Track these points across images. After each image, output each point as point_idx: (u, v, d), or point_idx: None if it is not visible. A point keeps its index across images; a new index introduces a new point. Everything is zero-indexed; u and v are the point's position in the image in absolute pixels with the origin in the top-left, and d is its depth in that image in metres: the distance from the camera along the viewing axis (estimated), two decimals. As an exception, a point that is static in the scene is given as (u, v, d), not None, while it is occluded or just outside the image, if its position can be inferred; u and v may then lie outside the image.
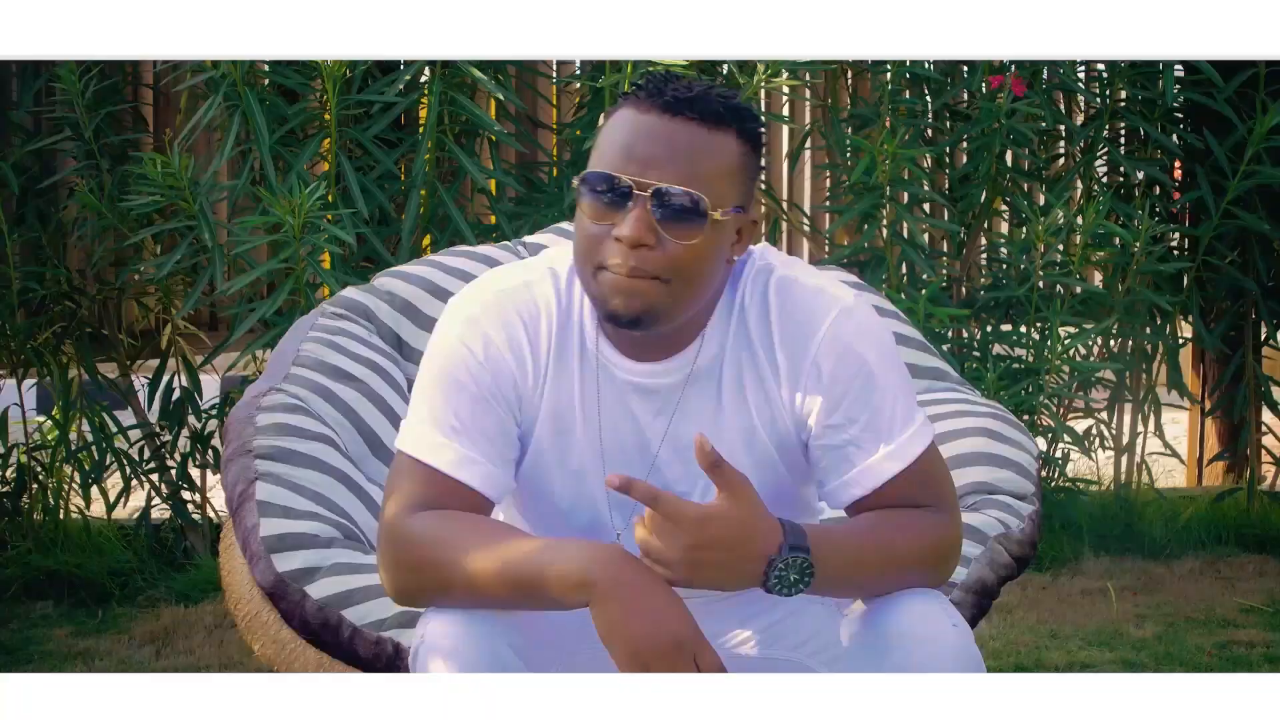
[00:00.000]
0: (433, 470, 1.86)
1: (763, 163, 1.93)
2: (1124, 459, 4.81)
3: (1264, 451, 4.94)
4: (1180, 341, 4.77)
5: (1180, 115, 4.74)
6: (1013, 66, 4.39)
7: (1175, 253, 4.76)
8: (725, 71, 4.24)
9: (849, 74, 4.72)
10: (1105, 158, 4.73)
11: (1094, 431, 4.71)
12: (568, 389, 1.91)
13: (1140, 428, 4.78)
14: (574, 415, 1.92)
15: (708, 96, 1.81)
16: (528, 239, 2.87)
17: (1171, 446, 4.77)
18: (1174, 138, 4.69)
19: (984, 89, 4.38)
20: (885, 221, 4.28)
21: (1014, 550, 2.29)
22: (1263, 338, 4.85)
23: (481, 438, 1.88)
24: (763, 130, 1.87)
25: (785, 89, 4.70)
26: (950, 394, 2.62)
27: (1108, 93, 4.61)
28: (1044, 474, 4.47)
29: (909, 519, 1.89)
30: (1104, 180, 4.77)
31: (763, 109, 4.72)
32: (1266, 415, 4.93)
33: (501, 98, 4.06)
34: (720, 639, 2.02)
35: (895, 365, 1.91)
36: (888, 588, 1.87)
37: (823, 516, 2.10)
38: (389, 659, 2.03)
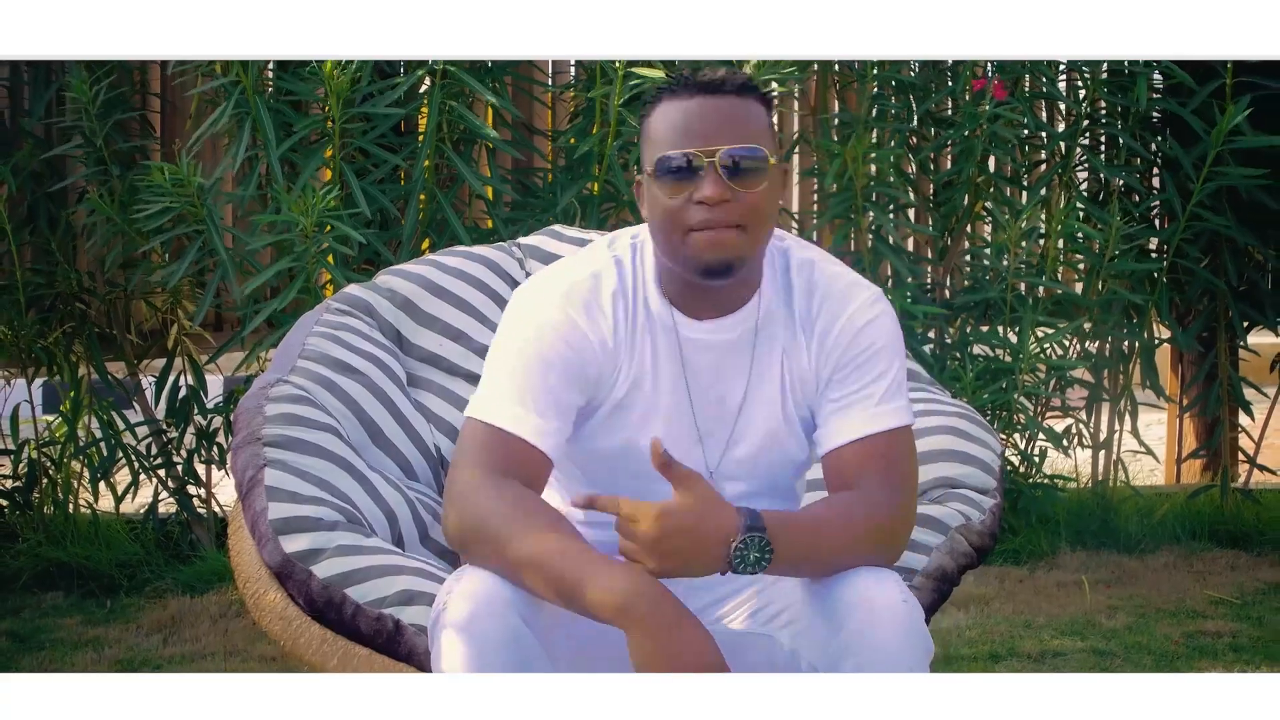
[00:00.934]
0: (510, 436, 2.07)
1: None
2: (1101, 457, 4.94)
3: (1239, 450, 5.09)
4: (1157, 342, 4.90)
5: (1159, 121, 4.89)
6: (994, 72, 4.54)
7: (1153, 255, 4.89)
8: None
9: (837, 83, 4.86)
10: (1085, 164, 4.86)
11: (1073, 430, 4.85)
12: (642, 356, 2.15)
13: (1117, 426, 4.91)
14: (647, 376, 2.15)
15: (732, 75, 2.12)
16: (522, 240, 3.00)
17: (1146, 444, 4.90)
18: (1152, 146, 4.82)
19: (967, 95, 4.52)
20: (868, 225, 4.42)
21: (974, 540, 2.42)
22: (1234, 336, 4.97)
23: (555, 408, 2.11)
24: (769, 96, 2.16)
25: (775, 93, 4.84)
26: (920, 394, 2.75)
27: (1085, 100, 4.75)
28: (1022, 470, 4.62)
29: (857, 501, 2.09)
30: (1080, 186, 4.91)
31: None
32: (1242, 414, 5.07)
33: (497, 103, 4.19)
34: (705, 613, 2.18)
35: (898, 354, 2.16)
36: (842, 564, 2.04)
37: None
38: (389, 635, 2.17)
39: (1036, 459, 4.61)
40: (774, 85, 4.17)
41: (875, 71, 4.54)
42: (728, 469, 2.20)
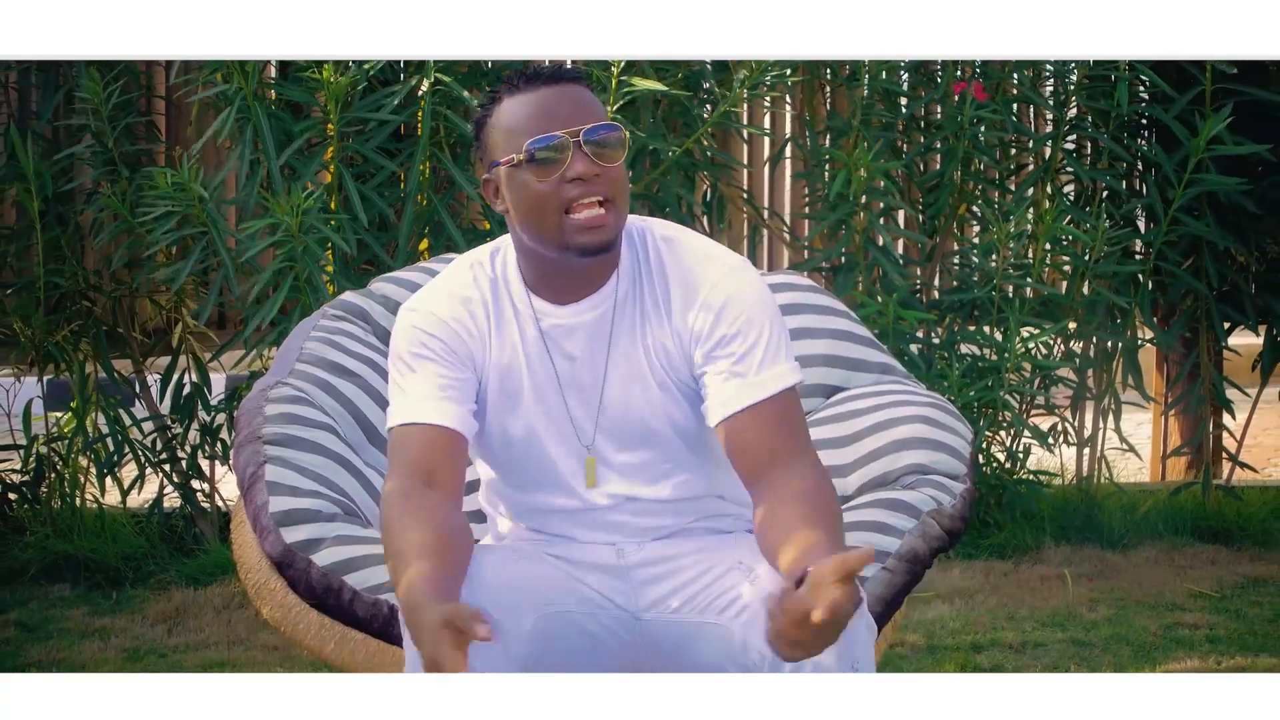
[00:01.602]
0: (414, 426, 2.19)
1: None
2: (1086, 454, 5.05)
3: (1223, 448, 5.19)
4: (1140, 342, 5.01)
5: (1144, 125, 5.00)
6: (977, 72, 4.66)
7: (1137, 257, 5.00)
8: (707, 87, 4.49)
9: (827, 88, 4.97)
10: (1068, 168, 4.97)
11: (1059, 428, 4.95)
12: (507, 345, 2.26)
13: (1101, 424, 5.02)
14: (520, 365, 2.26)
15: (563, 67, 2.24)
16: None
17: (1129, 442, 5.01)
18: (1134, 150, 4.93)
19: (954, 100, 4.64)
20: (858, 230, 4.54)
21: (945, 524, 2.53)
22: (1216, 338, 5.07)
23: (448, 386, 2.22)
24: None
25: (767, 100, 4.96)
26: (895, 386, 2.86)
27: (1067, 104, 4.86)
28: (1008, 466, 4.72)
29: (812, 494, 2.14)
30: (1066, 189, 5.02)
31: (745, 121, 4.97)
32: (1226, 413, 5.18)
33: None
34: (657, 605, 2.27)
35: (768, 314, 2.24)
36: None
37: None
38: (384, 619, 2.28)
39: (1021, 455, 4.72)
40: (765, 87, 4.30)
41: (866, 78, 4.64)
42: (605, 444, 2.28)
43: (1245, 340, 5.25)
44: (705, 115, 4.50)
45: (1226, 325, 5.05)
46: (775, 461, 2.17)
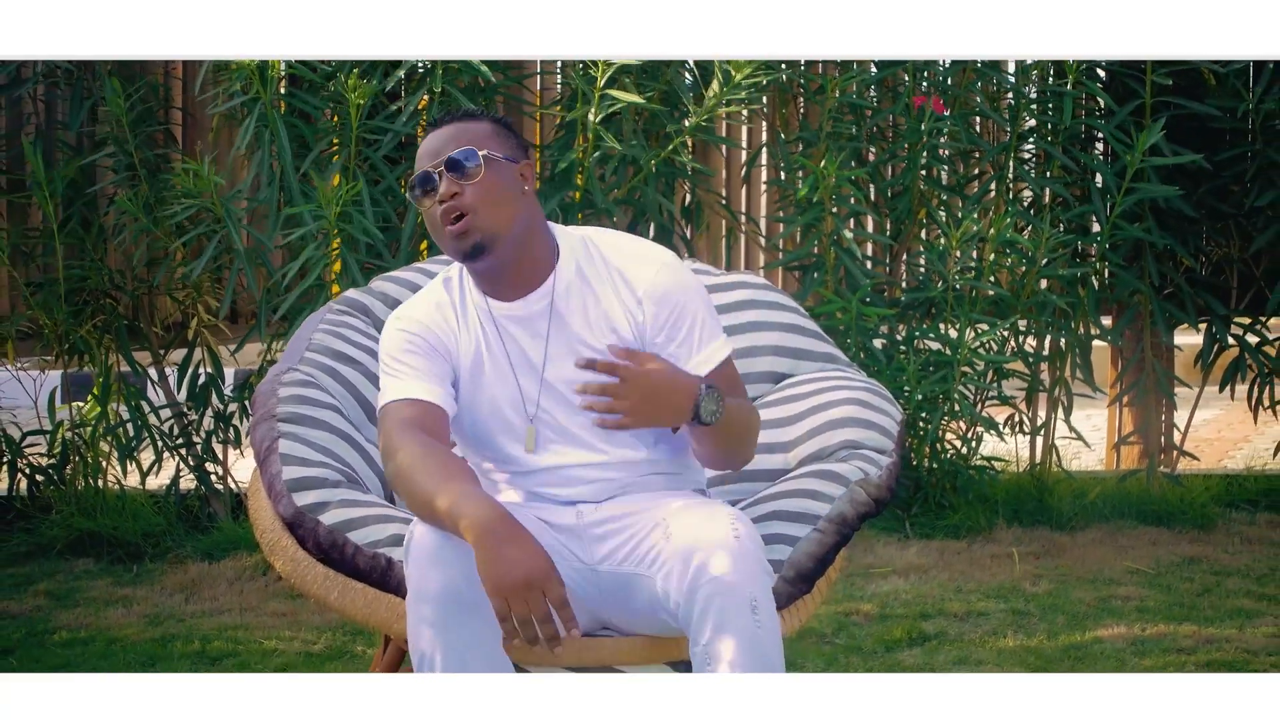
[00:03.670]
0: (404, 402, 2.59)
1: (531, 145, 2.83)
2: (1040, 444, 5.39)
3: (1171, 439, 5.54)
4: (1093, 337, 5.35)
5: (1098, 137, 5.35)
6: (934, 91, 5.02)
7: (1091, 258, 5.35)
8: (691, 97, 4.84)
9: (800, 100, 5.32)
10: (1018, 175, 5.32)
11: (1014, 419, 5.30)
12: (471, 338, 2.67)
13: (1053, 415, 5.36)
14: (482, 353, 2.67)
15: (464, 109, 2.73)
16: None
17: (1077, 431, 5.34)
18: (1081, 160, 5.27)
19: (913, 112, 5.00)
20: (826, 232, 4.89)
21: (871, 492, 2.88)
22: (1159, 335, 5.43)
23: (430, 374, 2.63)
24: (503, 119, 2.70)
25: (744, 113, 5.31)
26: (836, 373, 3.19)
27: (1020, 116, 5.22)
28: (963, 453, 5.07)
29: (747, 400, 2.71)
30: (1021, 195, 5.37)
31: (723, 134, 5.33)
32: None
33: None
34: (608, 558, 2.64)
35: (700, 300, 2.68)
36: (746, 449, 2.69)
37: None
38: (382, 570, 2.64)
39: (974, 443, 5.07)
40: (738, 101, 4.65)
41: (837, 93, 4.99)
42: (548, 416, 2.66)
43: (1189, 339, 5.60)
44: (683, 128, 4.85)
45: (1171, 322, 5.40)
46: None
